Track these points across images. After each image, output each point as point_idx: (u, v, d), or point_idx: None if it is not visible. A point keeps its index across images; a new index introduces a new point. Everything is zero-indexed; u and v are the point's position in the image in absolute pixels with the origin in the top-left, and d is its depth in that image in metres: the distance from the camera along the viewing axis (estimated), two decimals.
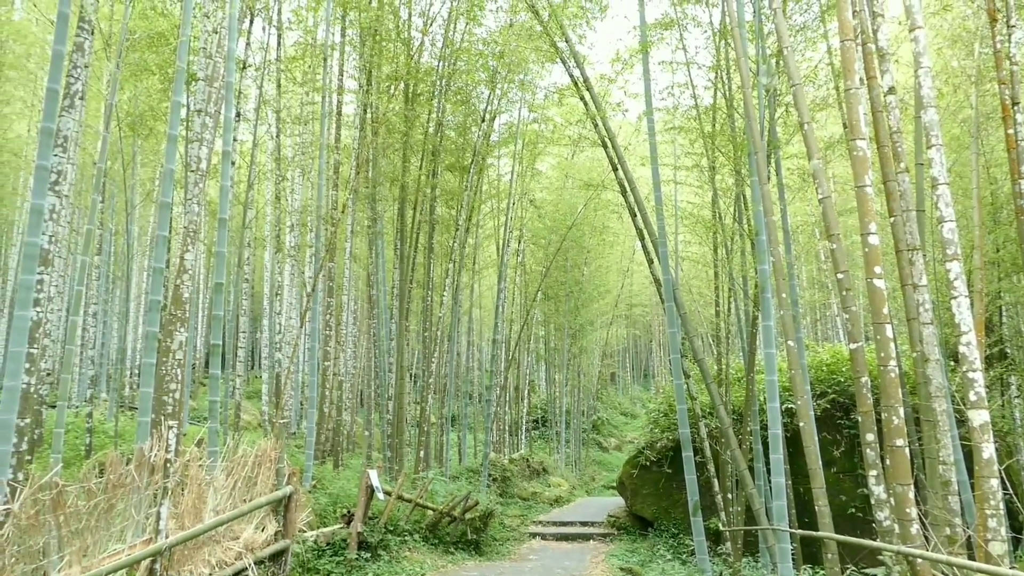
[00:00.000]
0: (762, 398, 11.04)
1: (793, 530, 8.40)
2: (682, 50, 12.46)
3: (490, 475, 18.23)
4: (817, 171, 7.35)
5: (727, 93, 11.48)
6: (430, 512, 11.75)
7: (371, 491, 9.60)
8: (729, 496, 11.52)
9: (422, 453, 16.32)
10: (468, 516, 12.28)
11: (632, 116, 27.58)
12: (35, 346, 8.13)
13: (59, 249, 9.24)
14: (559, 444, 29.09)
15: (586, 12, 14.75)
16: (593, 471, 29.87)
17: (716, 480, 11.50)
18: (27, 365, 7.76)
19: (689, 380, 11.63)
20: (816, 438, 7.73)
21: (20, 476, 7.56)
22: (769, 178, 9.46)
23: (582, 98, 13.48)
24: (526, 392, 31.18)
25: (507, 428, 26.90)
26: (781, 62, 10.33)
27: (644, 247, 12.93)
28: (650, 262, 12.65)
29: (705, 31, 12.17)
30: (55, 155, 8.42)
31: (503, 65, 17.32)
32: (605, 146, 13.09)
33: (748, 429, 11.16)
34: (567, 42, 13.44)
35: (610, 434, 37.45)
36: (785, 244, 10.70)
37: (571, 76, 13.63)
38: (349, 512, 9.73)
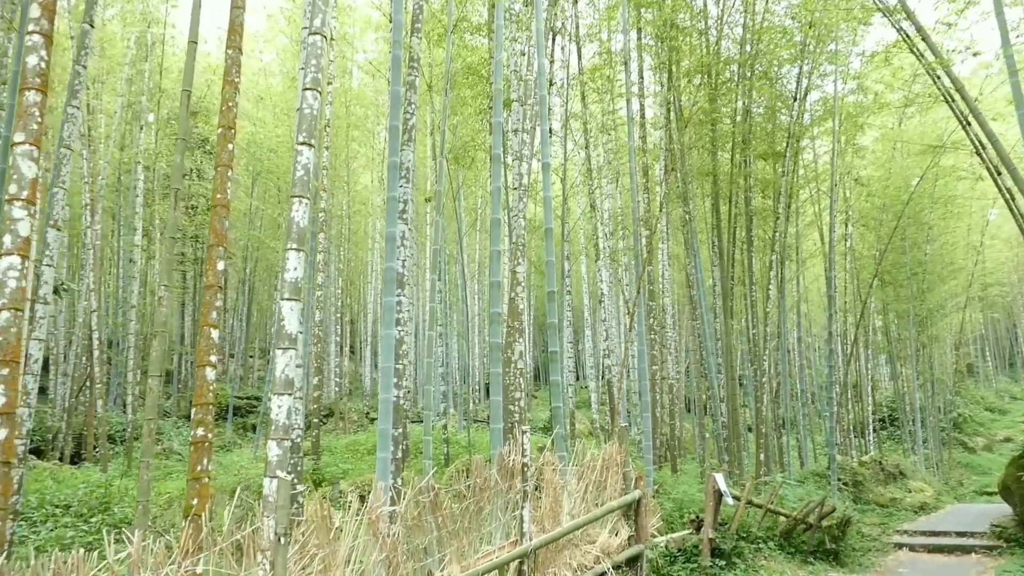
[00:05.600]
0: None
1: None
2: None
3: (839, 479, 16.73)
4: None
5: None
6: (782, 519, 10.97)
7: (719, 496, 9.16)
8: None
9: (762, 456, 15.47)
10: (824, 523, 11.27)
11: (967, 69, 23.98)
12: (399, 363, 8.98)
13: (407, 274, 10.17)
14: (914, 444, 25.97)
15: None
16: (960, 474, 26.20)
17: None
18: (395, 380, 8.59)
19: None
20: None
21: (398, 481, 8.37)
22: None
23: (913, 51, 11.92)
24: (868, 389, 28.41)
25: (850, 428, 24.64)
26: None
27: (1013, 211, 10.97)
28: None
29: None
30: (400, 186, 9.28)
31: (811, 36, 16.03)
32: (950, 100, 11.41)
33: None
34: None
35: (975, 432, 32.77)
36: None
37: (898, 30, 12.13)
38: (698, 517, 9.39)
